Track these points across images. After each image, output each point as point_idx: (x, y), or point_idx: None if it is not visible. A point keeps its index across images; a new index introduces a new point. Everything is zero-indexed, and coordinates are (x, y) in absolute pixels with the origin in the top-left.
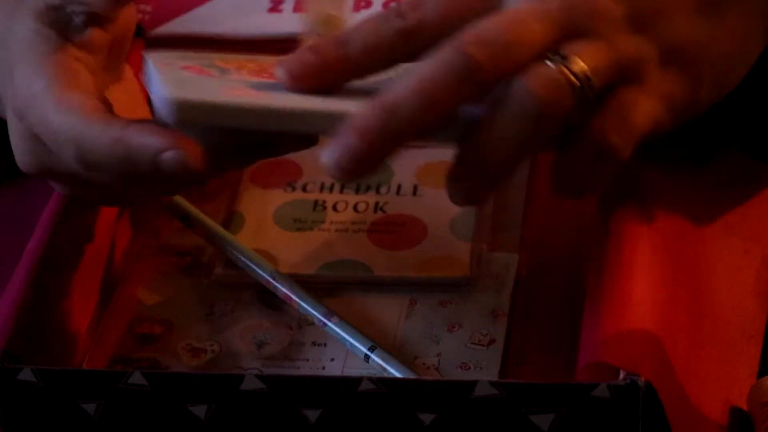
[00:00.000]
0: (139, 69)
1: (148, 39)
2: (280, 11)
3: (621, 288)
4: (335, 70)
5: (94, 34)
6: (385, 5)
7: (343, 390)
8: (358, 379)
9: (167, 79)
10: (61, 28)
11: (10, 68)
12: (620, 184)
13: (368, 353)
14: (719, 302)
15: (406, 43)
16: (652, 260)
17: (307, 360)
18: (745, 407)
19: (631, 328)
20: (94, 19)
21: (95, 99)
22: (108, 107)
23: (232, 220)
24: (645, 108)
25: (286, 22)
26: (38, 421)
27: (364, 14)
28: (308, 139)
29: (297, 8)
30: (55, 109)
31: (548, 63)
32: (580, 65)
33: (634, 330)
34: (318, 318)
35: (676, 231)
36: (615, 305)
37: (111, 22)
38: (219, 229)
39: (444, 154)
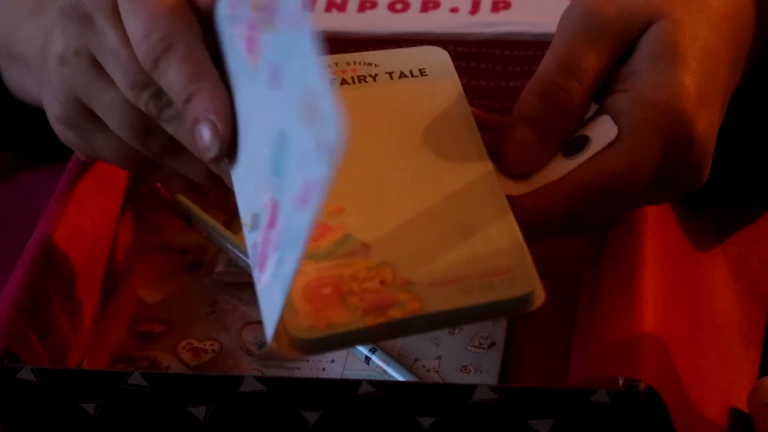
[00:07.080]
0: None
1: None
2: None
3: (624, 296)
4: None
5: None
6: (390, 6)
7: (342, 392)
8: (358, 382)
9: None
10: None
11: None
12: None
13: (369, 355)
14: (717, 307)
15: None
16: (653, 267)
17: (307, 361)
18: (744, 410)
19: (634, 334)
20: None
21: None
22: None
23: (233, 219)
24: None
25: None
26: (38, 421)
27: (368, 15)
28: None
29: None
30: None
31: None
32: None
33: (637, 336)
34: None
35: (673, 238)
36: (619, 313)
37: None
38: (220, 228)
39: None
